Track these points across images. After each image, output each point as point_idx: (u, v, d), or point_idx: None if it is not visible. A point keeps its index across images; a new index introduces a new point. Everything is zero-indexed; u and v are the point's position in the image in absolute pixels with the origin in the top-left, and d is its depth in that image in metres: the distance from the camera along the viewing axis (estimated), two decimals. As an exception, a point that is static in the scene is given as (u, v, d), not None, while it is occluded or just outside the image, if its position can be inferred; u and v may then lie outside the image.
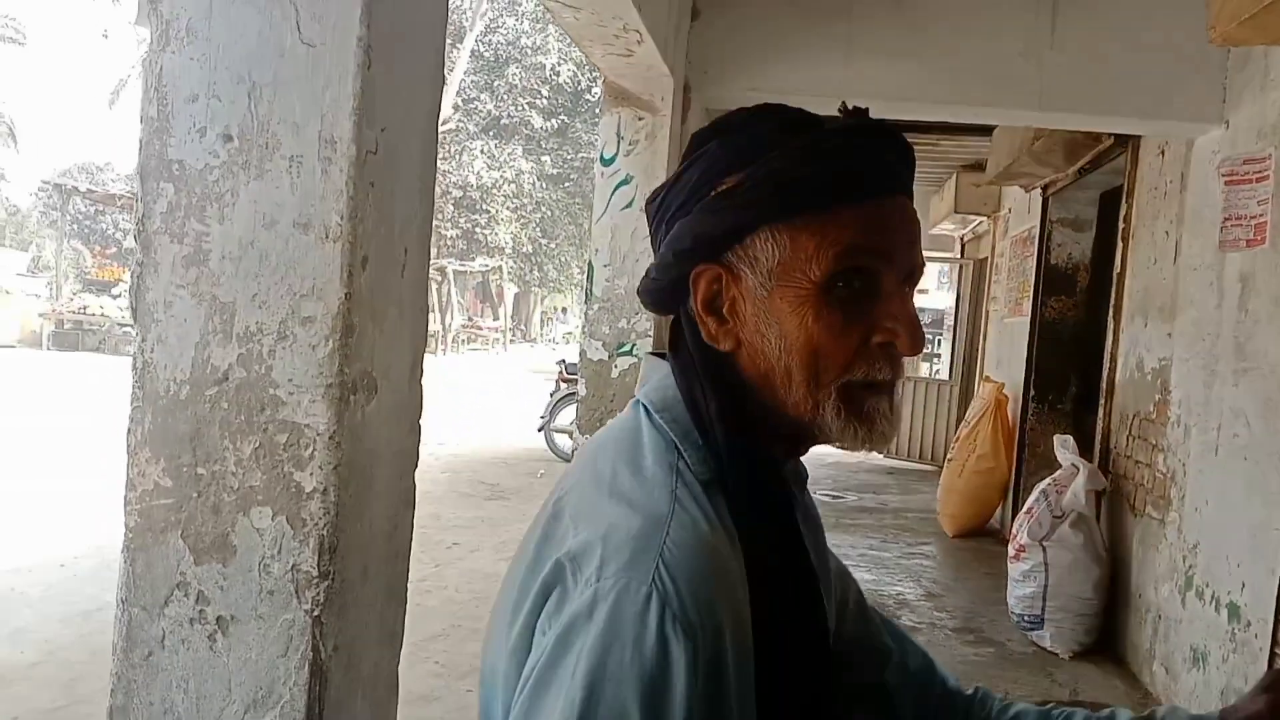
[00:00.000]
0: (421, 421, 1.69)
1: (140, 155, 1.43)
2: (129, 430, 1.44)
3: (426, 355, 1.71)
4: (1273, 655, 3.60)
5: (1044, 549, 5.29)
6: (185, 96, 1.42)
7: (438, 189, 1.71)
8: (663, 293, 0.99)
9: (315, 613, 1.40)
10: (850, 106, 0.96)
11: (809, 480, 1.10)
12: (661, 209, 0.97)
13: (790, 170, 0.89)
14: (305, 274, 1.40)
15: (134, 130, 1.44)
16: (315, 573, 1.40)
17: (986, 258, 10.22)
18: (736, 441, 0.91)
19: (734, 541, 0.87)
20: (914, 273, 0.92)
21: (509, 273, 34.69)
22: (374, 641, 1.57)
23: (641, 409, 0.96)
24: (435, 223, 1.72)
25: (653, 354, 1.02)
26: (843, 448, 0.93)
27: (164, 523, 1.42)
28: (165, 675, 1.43)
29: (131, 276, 1.43)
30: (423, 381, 1.69)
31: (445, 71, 1.75)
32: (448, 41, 1.78)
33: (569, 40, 3.85)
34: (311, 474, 1.40)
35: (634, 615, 0.76)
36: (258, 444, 1.41)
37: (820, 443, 0.96)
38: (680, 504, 0.85)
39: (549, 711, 0.76)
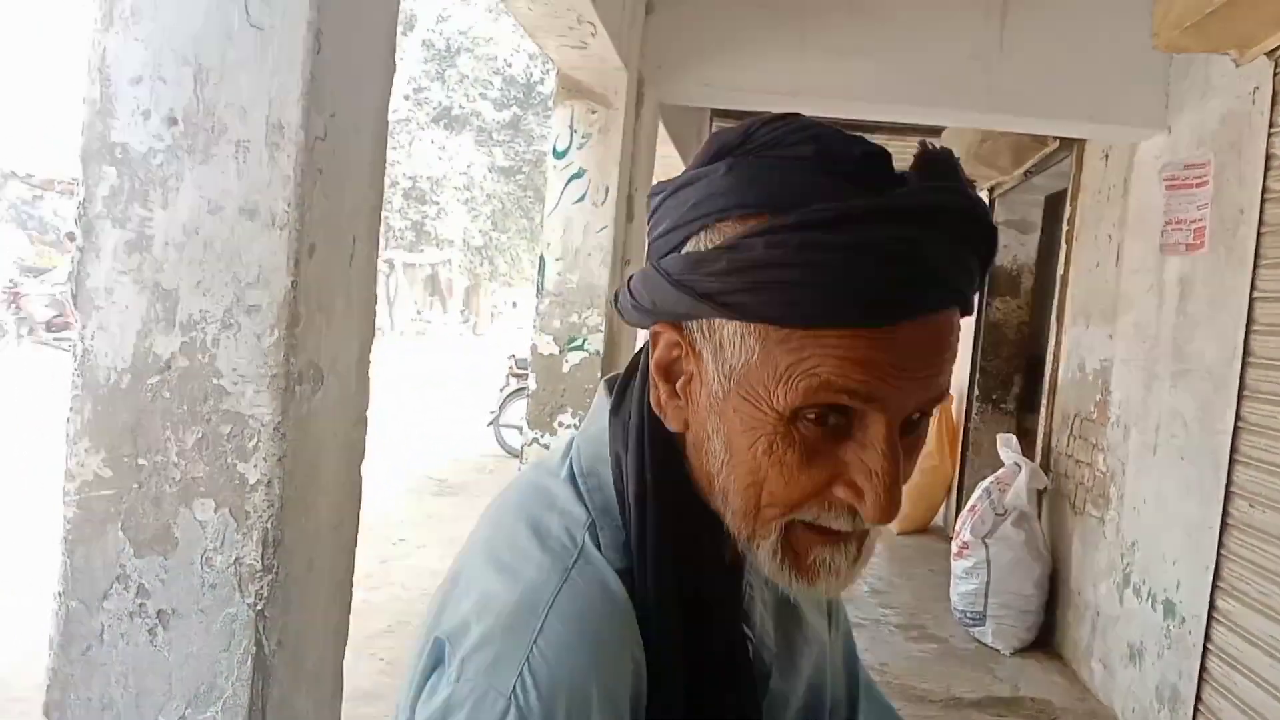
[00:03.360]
0: (369, 414, 1.67)
1: (82, 138, 1.39)
2: (68, 420, 1.40)
3: (374, 348, 1.69)
4: (1206, 651, 3.68)
5: (986, 546, 5.37)
6: (129, 78, 1.38)
7: (386, 179, 1.69)
8: (635, 314, 0.80)
9: (259, 607, 1.38)
10: (932, 148, 0.71)
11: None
12: (652, 221, 0.77)
13: (780, 262, 0.66)
14: (251, 261, 1.37)
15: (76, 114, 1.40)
16: (259, 566, 1.37)
17: (934, 258, 10.34)
18: (657, 536, 0.74)
19: (632, 637, 0.72)
20: (925, 409, 0.72)
21: (459, 265, 34.45)
22: (319, 637, 1.55)
23: (569, 463, 0.80)
24: (384, 214, 1.70)
25: (610, 380, 0.85)
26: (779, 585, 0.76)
27: (103, 514, 1.39)
28: (104, 670, 1.40)
29: (72, 262, 1.39)
30: (370, 374, 1.66)
31: (396, 59, 1.72)
32: (398, 30, 1.76)
33: (522, 31, 3.83)
34: (256, 465, 1.37)
35: None
36: (200, 435, 1.38)
37: None
38: (571, 585, 0.71)
39: None
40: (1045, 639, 5.40)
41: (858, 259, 0.64)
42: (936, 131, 7.34)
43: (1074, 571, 5.22)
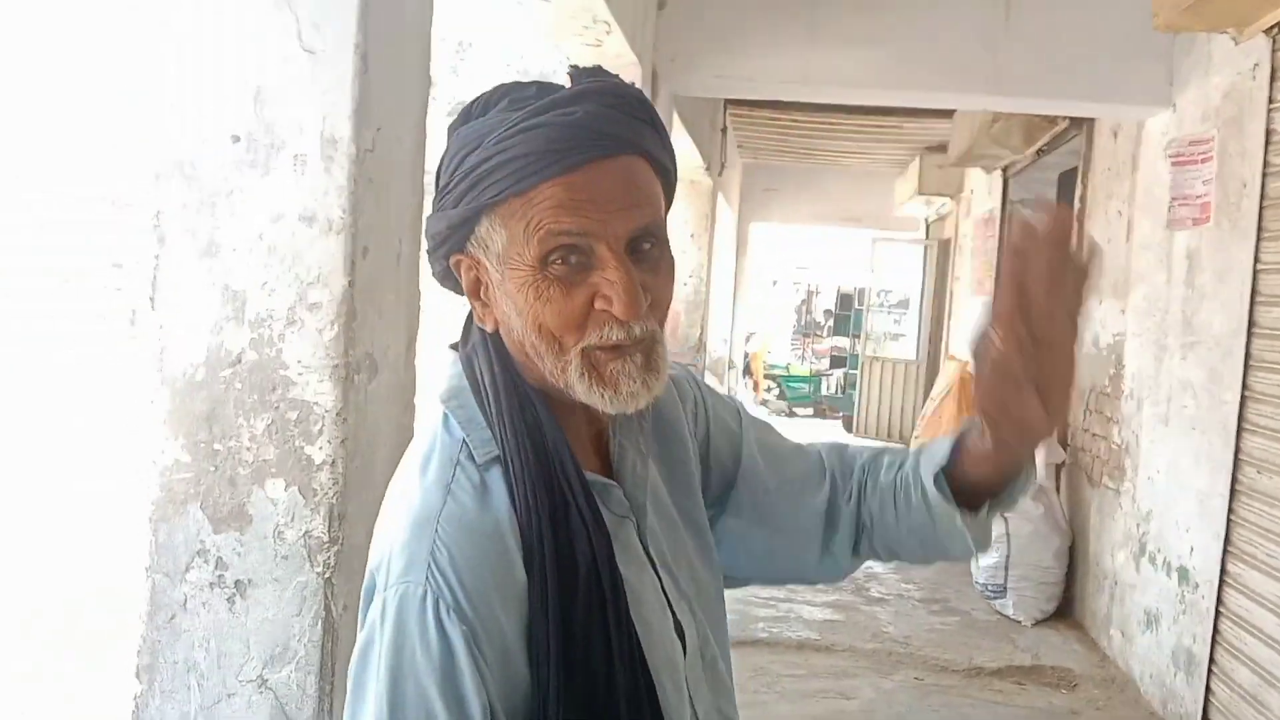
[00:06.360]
0: (417, 400, 1.81)
1: (154, 157, 1.54)
2: (149, 411, 1.55)
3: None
4: (1218, 614, 3.80)
5: (1005, 520, 5.47)
6: (194, 101, 1.53)
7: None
8: (448, 281, 1.02)
9: (326, 575, 1.53)
10: (579, 68, 0.96)
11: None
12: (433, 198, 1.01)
13: (485, 158, 0.90)
14: (311, 264, 1.52)
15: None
16: (326, 538, 1.53)
17: (951, 238, 10.42)
18: (513, 415, 0.94)
19: (505, 517, 0.90)
20: (640, 235, 0.93)
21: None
22: (378, 603, 1.69)
23: (440, 412, 1.00)
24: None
25: (451, 346, 1.05)
26: (600, 409, 0.95)
27: (184, 495, 1.54)
28: (188, 636, 1.55)
29: (150, 269, 1.54)
30: (416, 364, 1.81)
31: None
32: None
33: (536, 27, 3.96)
34: (320, 447, 1.52)
35: (416, 615, 0.86)
36: (270, 421, 1.53)
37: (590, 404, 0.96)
38: (453, 497, 0.91)
39: (365, 709, 0.88)
40: (1065, 609, 5.51)
41: (534, 133, 0.89)
42: (948, 113, 7.43)
43: (1092, 542, 5.33)
